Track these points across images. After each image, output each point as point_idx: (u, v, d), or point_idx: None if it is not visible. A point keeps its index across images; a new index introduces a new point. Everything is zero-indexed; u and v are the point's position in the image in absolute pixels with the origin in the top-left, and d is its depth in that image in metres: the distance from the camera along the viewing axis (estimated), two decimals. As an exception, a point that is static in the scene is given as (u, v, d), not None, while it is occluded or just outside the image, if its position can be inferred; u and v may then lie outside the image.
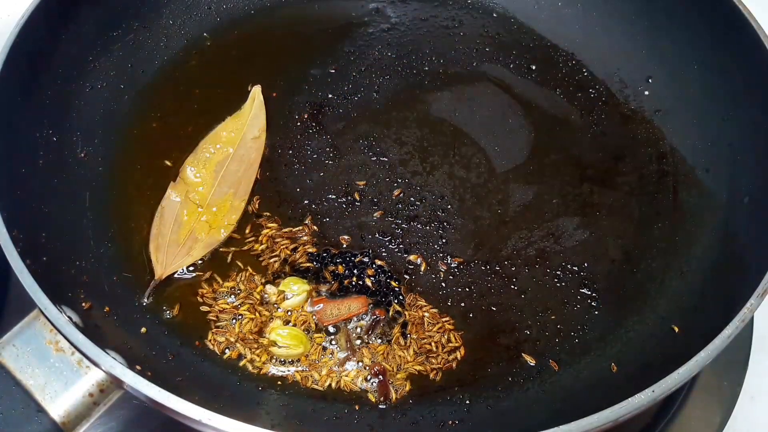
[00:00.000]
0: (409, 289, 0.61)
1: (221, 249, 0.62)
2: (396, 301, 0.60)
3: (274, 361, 0.57)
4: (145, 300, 0.58)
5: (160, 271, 0.60)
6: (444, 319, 0.60)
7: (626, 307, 0.61)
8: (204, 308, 0.59)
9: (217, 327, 0.58)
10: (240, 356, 0.57)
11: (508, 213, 0.67)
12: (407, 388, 0.56)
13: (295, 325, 0.58)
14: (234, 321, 0.58)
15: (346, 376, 0.56)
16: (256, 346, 0.57)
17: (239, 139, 0.69)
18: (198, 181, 0.66)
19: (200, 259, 0.61)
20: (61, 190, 0.61)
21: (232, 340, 0.57)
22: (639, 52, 0.76)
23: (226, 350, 0.57)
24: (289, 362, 0.57)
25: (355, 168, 0.69)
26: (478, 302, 0.61)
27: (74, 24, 0.66)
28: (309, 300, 0.60)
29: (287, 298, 0.59)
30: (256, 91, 0.72)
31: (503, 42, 0.80)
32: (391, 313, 0.60)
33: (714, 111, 0.68)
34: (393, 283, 0.61)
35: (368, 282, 0.61)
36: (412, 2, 0.83)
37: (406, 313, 0.60)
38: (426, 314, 0.60)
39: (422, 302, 0.60)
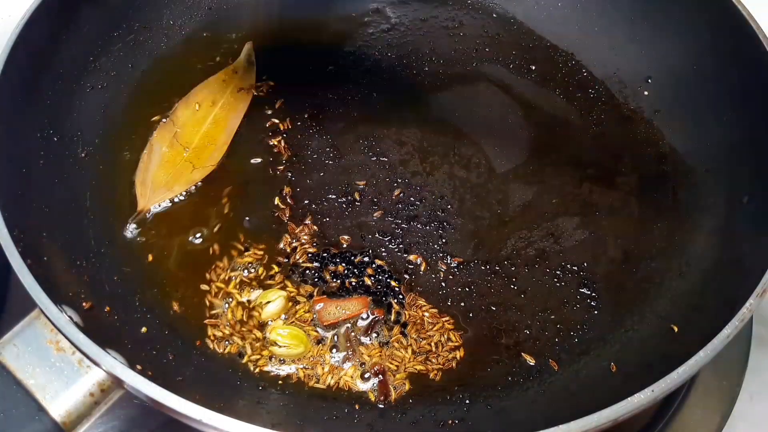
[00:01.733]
0: (409, 288, 0.61)
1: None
2: (396, 300, 0.61)
3: (273, 360, 0.57)
4: (129, 230, 0.61)
5: (143, 204, 0.64)
6: (444, 319, 0.60)
7: (626, 307, 0.61)
8: (204, 287, 0.60)
9: (211, 316, 0.58)
10: (240, 354, 0.57)
11: (508, 213, 0.67)
12: (407, 388, 0.56)
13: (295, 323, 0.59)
14: (226, 306, 0.59)
15: (346, 375, 0.57)
16: (254, 338, 0.57)
17: (229, 89, 0.73)
18: (186, 123, 0.70)
19: (184, 193, 0.65)
20: (61, 190, 0.61)
21: (227, 332, 0.57)
22: (639, 52, 0.76)
23: (226, 343, 0.57)
24: (289, 361, 0.57)
25: (355, 168, 0.69)
26: (478, 302, 0.61)
27: (75, 24, 0.66)
28: (289, 305, 0.60)
29: (267, 307, 0.59)
30: (248, 48, 0.77)
31: (503, 42, 0.80)
32: (392, 313, 0.60)
33: (714, 111, 0.68)
34: (393, 282, 0.62)
35: (368, 282, 0.61)
36: (412, 3, 0.83)
37: (406, 312, 0.60)
38: (426, 314, 0.60)
39: (422, 302, 0.61)
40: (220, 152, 0.68)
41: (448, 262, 0.63)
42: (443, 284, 0.62)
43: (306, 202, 0.66)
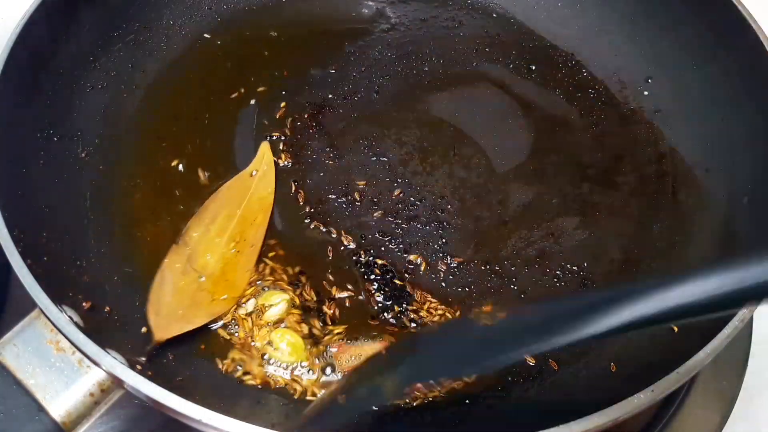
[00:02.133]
0: (413, 288, 0.61)
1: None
2: (404, 301, 0.60)
3: (271, 360, 0.57)
4: (143, 360, 0.52)
5: (160, 335, 0.55)
6: (444, 319, 0.60)
7: (626, 307, 0.61)
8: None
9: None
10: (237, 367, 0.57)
11: (508, 213, 0.67)
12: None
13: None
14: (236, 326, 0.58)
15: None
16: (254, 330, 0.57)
17: (245, 198, 0.64)
18: (200, 243, 0.61)
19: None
20: (61, 190, 0.61)
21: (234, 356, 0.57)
22: (639, 52, 0.76)
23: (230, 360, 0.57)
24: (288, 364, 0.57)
25: (355, 168, 0.69)
26: (478, 302, 0.61)
27: (75, 24, 0.66)
28: (291, 309, 0.59)
29: (269, 311, 0.59)
30: (264, 149, 0.68)
31: (503, 42, 0.80)
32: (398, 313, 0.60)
33: (714, 111, 0.68)
34: (398, 281, 0.61)
35: (373, 286, 0.61)
36: (412, 3, 0.83)
37: (416, 314, 0.60)
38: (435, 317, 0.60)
39: (430, 298, 0.60)
40: (242, 284, 0.59)
41: (448, 262, 0.63)
42: (443, 284, 0.62)
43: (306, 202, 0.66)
